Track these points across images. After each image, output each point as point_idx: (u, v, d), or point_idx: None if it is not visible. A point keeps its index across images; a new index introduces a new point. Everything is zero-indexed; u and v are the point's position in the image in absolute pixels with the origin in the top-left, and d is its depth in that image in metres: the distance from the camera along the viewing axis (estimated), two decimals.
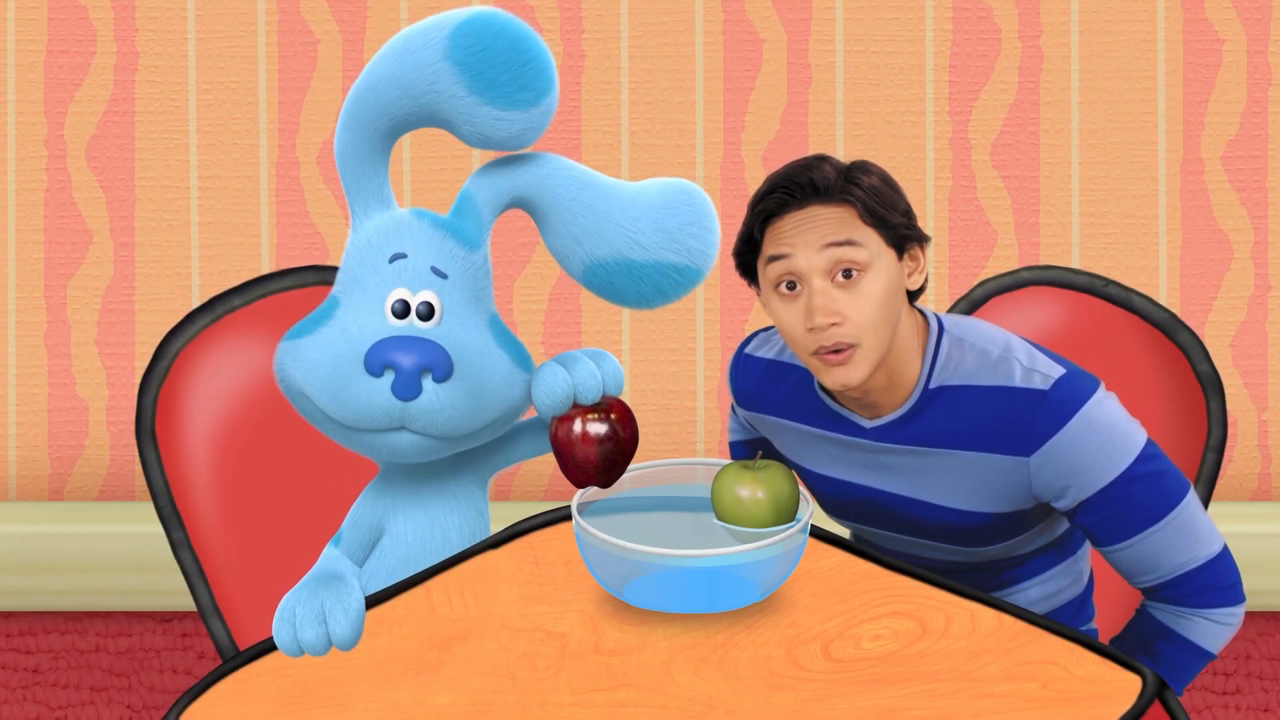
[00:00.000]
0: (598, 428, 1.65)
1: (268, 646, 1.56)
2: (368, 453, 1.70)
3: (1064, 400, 1.71)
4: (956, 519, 1.79)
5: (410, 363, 1.60)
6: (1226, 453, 2.99)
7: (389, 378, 1.61)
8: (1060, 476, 1.71)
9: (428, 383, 1.62)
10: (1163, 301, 2.95)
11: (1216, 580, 1.75)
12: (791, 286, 1.71)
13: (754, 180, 3.01)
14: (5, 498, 3.04)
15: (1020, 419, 1.72)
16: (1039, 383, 1.72)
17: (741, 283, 3.07)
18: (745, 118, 3.02)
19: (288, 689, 1.49)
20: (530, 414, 1.80)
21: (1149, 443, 1.73)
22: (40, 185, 3.02)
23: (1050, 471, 1.72)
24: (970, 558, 1.85)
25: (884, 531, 1.88)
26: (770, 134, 3.01)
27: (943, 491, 1.79)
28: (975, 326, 1.81)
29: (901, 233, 1.72)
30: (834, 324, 1.68)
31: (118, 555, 2.92)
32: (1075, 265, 3.00)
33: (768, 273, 1.73)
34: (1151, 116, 3.01)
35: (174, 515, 2.04)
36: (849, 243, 1.68)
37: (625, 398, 2.70)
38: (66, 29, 3.00)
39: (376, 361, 1.61)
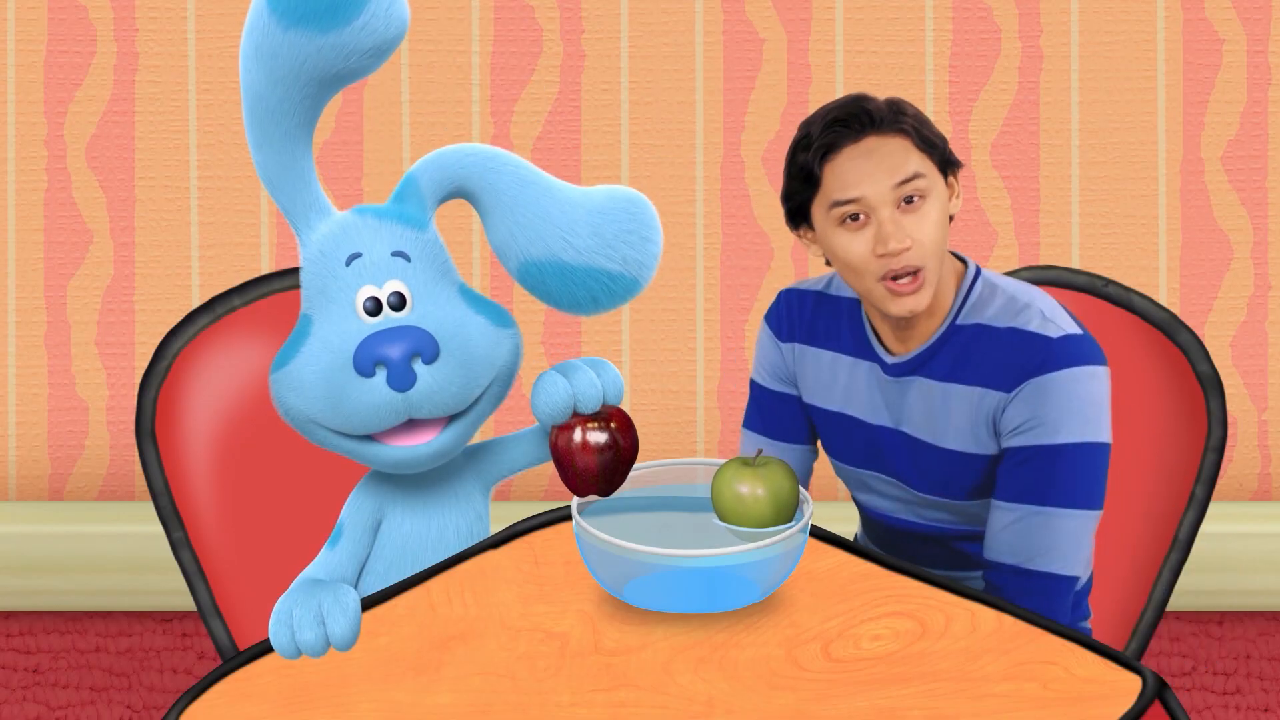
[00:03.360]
0: (598, 436, 1.64)
1: (268, 646, 1.56)
2: (392, 468, 1.69)
3: (1065, 353, 1.77)
4: (951, 461, 1.84)
5: (398, 352, 1.60)
6: (1226, 453, 2.99)
7: (382, 374, 1.61)
8: (1021, 413, 1.77)
9: (419, 367, 1.62)
10: (1163, 301, 2.95)
11: (1047, 603, 1.79)
12: (856, 218, 1.77)
13: (754, 180, 3.01)
14: (5, 498, 3.04)
15: (1021, 358, 1.78)
16: (1050, 331, 1.78)
17: (741, 282, 3.08)
18: (745, 118, 3.02)
19: (288, 689, 1.49)
20: (531, 422, 1.81)
21: (1107, 447, 1.79)
22: (40, 185, 3.02)
23: (1019, 406, 1.77)
24: (964, 519, 1.89)
25: (884, 476, 1.92)
26: (770, 134, 3.01)
27: (943, 429, 1.84)
28: (1012, 280, 1.88)
29: (944, 156, 1.80)
30: (905, 249, 1.75)
31: (118, 555, 2.92)
32: (1075, 265, 3.00)
33: (831, 213, 1.78)
34: (1151, 116, 3.01)
35: (174, 515, 2.04)
36: (916, 175, 1.76)
37: (626, 400, 2.70)
38: (66, 29, 3.00)
39: (366, 361, 1.60)
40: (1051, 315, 1.80)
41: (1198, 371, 2.03)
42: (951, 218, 1.84)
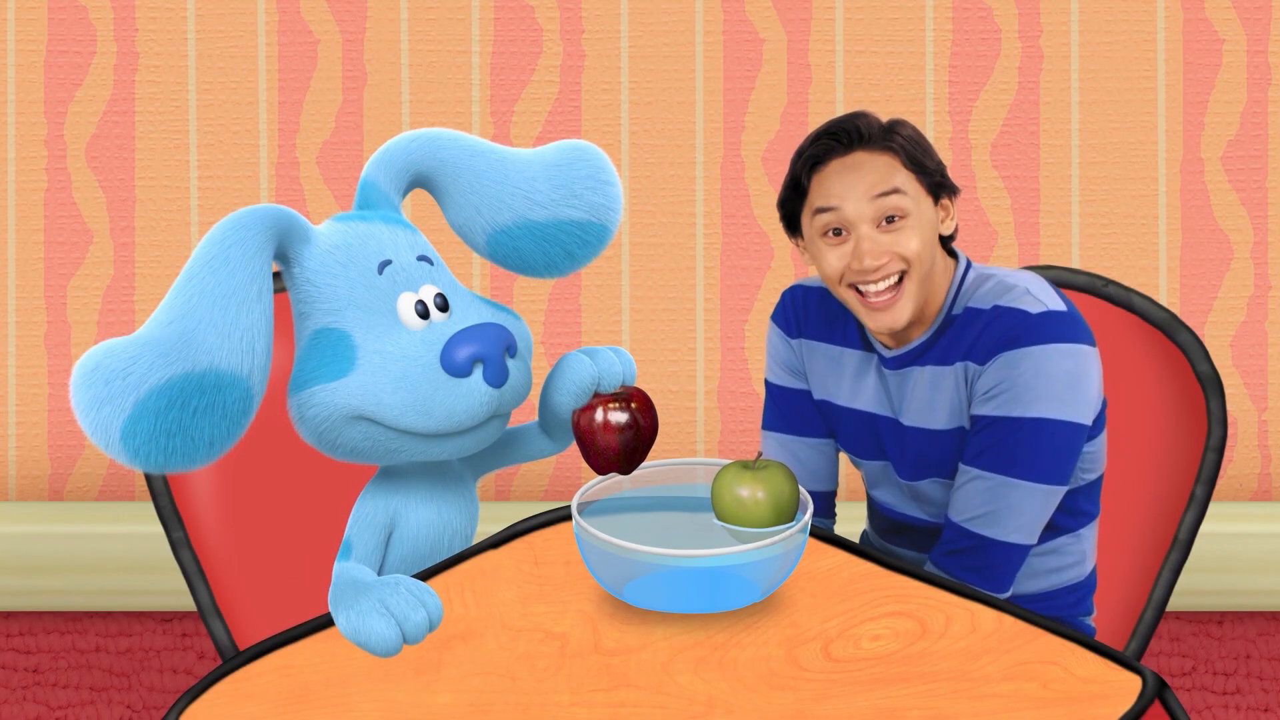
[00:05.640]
0: (618, 416, 1.66)
1: (268, 646, 1.56)
2: (452, 454, 1.66)
3: (1041, 328, 1.78)
4: (936, 440, 1.86)
5: (496, 350, 1.59)
6: (1226, 453, 2.99)
7: (478, 372, 1.59)
8: (989, 381, 1.79)
9: (509, 362, 1.61)
10: (1163, 301, 2.95)
11: (986, 561, 1.80)
12: (838, 232, 1.81)
13: (754, 180, 3.01)
14: (5, 498, 3.04)
15: (998, 331, 1.79)
16: (1031, 306, 1.79)
17: (742, 282, 3.08)
18: (745, 118, 3.02)
19: (288, 689, 1.49)
20: (532, 418, 1.81)
21: (1073, 425, 1.78)
22: (40, 185, 3.02)
23: (990, 375, 1.79)
24: None
25: (897, 473, 1.93)
26: (770, 134, 3.01)
27: (934, 412, 1.85)
28: (1005, 269, 1.90)
29: (937, 180, 1.82)
30: (880, 265, 1.79)
31: (118, 555, 2.92)
32: (1075, 265, 3.00)
33: (814, 222, 1.82)
34: (1151, 116, 3.01)
35: (174, 515, 2.04)
36: (895, 191, 1.79)
37: None
38: (66, 29, 3.00)
39: (465, 361, 1.57)
40: (1037, 292, 1.81)
41: (1198, 371, 2.03)
42: (952, 238, 1.87)
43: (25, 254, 3.02)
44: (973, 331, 1.82)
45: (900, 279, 1.81)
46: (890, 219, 1.79)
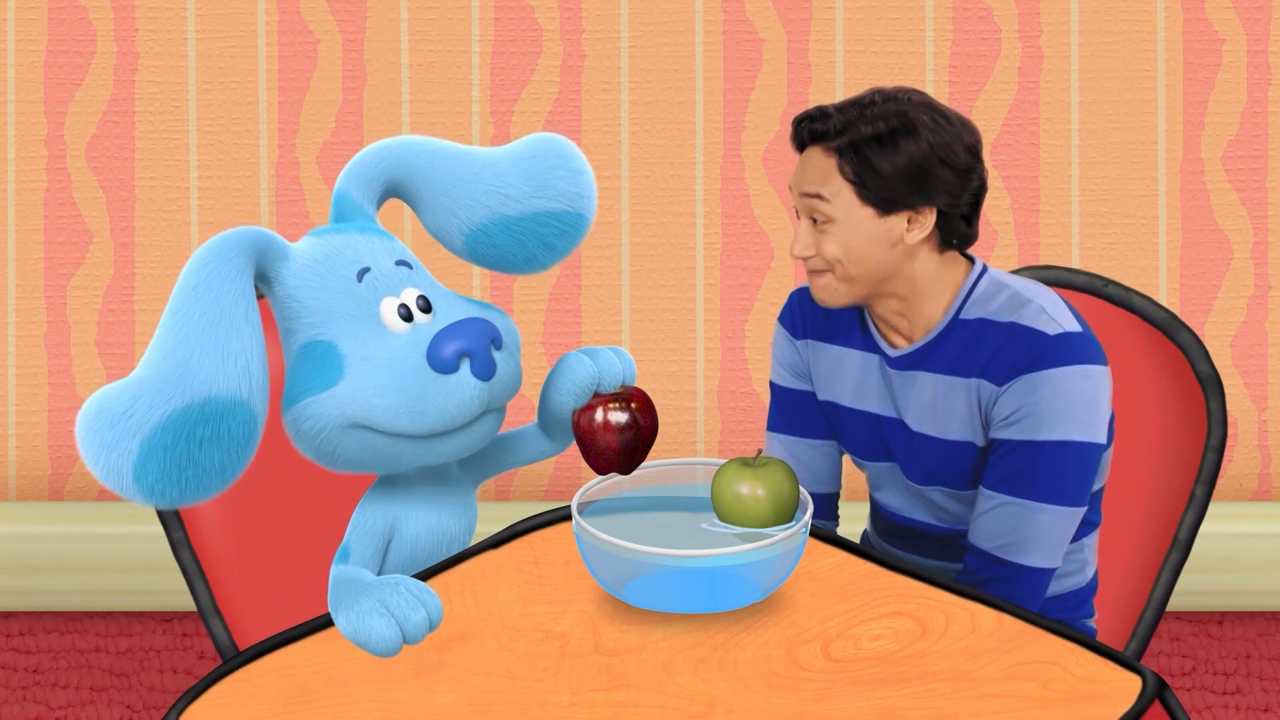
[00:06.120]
0: (618, 416, 1.66)
1: (268, 646, 1.56)
2: (450, 455, 1.66)
3: (1059, 350, 1.78)
4: (949, 450, 1.85)
5: (481, 343, 1.59)
6: (1226, 453, 2.98)
7: (465, 366, 1.59)
8: (1009, 406, 1.79)
9: (495, 355, 1.61)
10: (1163, 301, 2.95)
11: (1016, 589, 1.81)
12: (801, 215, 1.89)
13: (754, 180, 3.01)
14: (5, 498, 3.04)
15: (1016, 352, 1.79)
16: (1048, 327, 1.79)
17: (741, 282, 3.08)
18: (745, 118, 3.02)
19: (288, 689, 1.49)
20: (531, 419, 1.81)
21: (1093, 446, 1.79)
22: (40, 185, 3.02)
23: (1009, 400, 1.79)
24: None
25: (905, 475, 1.93)
26: (770, 134, 3.01)
27: (945, 421, 1.85)
28: (1019, 278, 1.90)
29: (879, 195, 1.80)
30: (805, 257, 1.84)
31: (118, 555, 2.92)
32: (1075, 265, 3.00)
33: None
34: (1151, 116, 3.01)
35: (174, 515, 2.04)
36: (817, 196, 1.82)
37: None
38: (66, 29, 3.00)
39: (451, 356, 1.57)
40: (1052, 311, 1.81)
41: (1198, 371, 2.03)
42: (956, 242, 1.84)
43: (25, 254, 3.02)
44: (988, 346, 1.81)
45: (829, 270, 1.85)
46: (816, 219, 1.82)
